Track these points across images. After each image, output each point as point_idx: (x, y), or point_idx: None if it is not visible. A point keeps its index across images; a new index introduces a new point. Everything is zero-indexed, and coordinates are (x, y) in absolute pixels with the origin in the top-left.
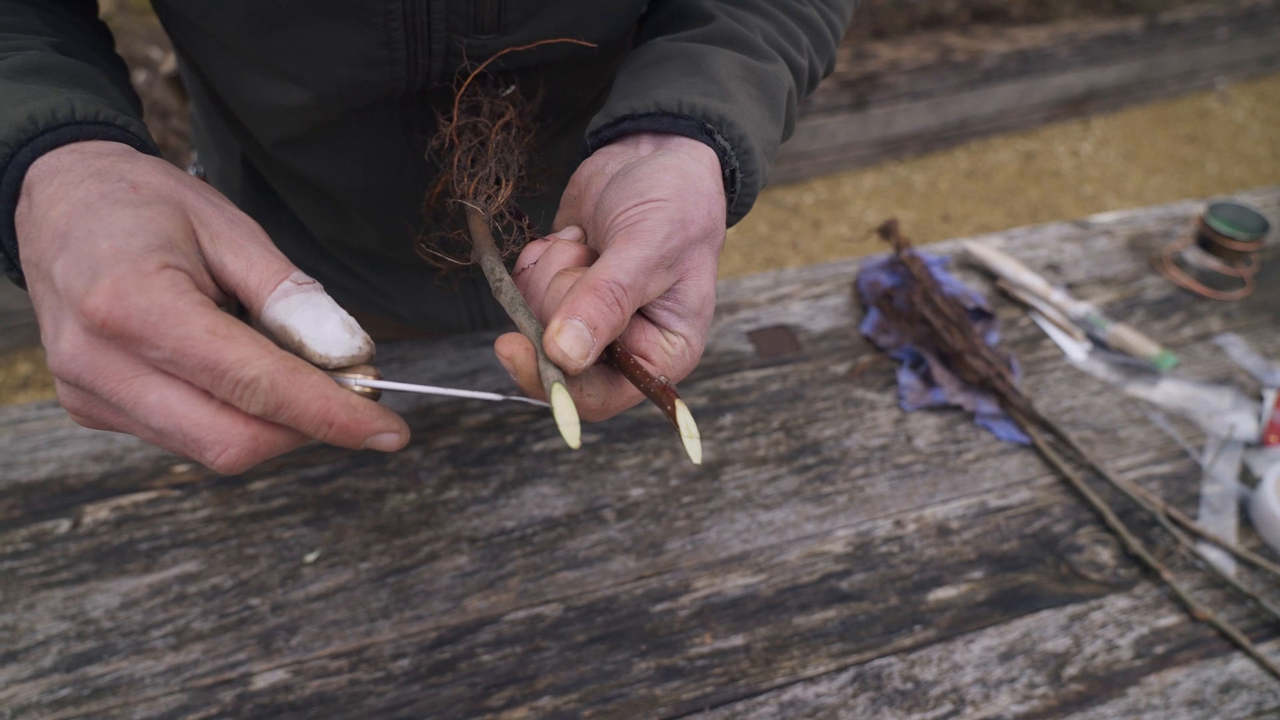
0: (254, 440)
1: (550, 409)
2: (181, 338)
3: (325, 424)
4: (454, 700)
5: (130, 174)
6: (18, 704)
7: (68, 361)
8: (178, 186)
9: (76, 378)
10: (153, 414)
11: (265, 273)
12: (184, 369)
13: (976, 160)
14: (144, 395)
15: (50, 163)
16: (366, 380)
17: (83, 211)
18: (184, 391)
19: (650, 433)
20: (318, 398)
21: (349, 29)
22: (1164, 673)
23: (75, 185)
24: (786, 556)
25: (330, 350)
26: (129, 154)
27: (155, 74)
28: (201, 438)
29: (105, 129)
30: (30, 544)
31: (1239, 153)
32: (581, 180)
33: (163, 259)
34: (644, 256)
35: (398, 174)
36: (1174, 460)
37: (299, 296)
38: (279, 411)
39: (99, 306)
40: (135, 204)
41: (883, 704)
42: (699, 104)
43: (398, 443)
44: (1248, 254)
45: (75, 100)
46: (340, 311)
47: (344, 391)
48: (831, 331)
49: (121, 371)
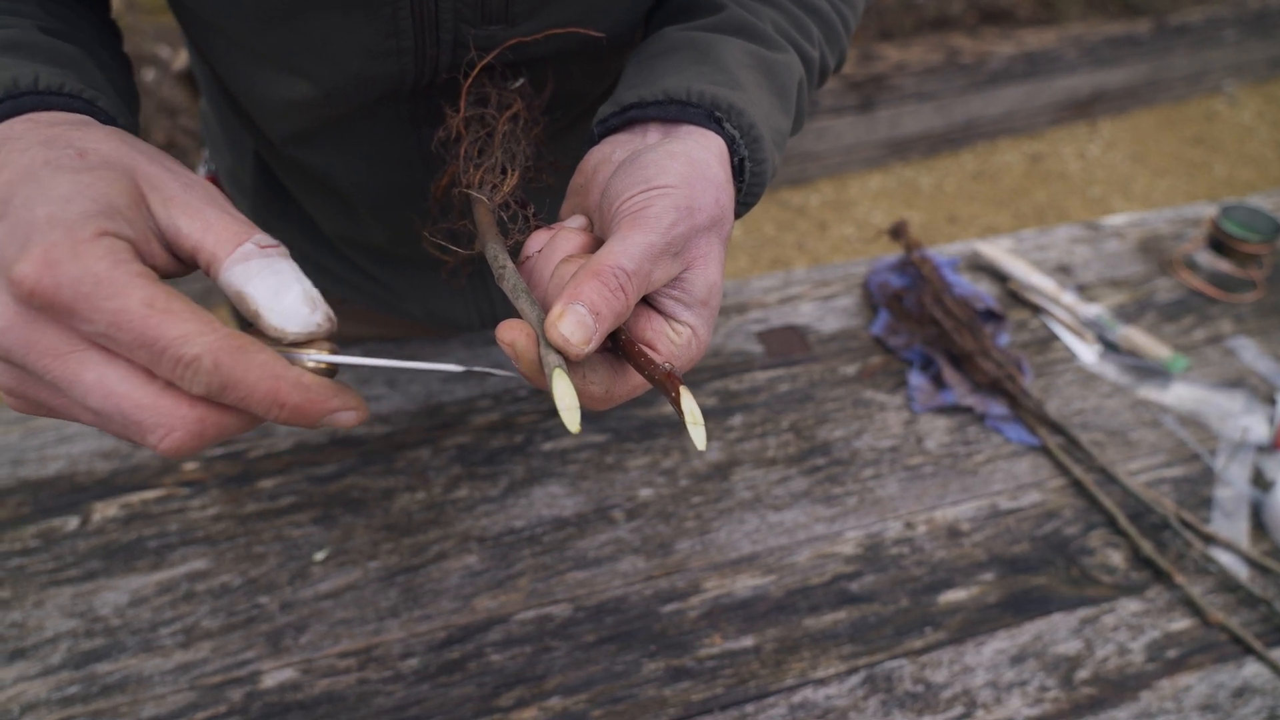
0: (199, 423)
1: (548, 389)
2: (116, 310)
3: (276, 405)
4: (463, 700)
5: (79, 141)
6: (26, 701)
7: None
8: (130, 152)
9: (8, 352)
10: (90, 393)
11: (223, 234)
12: (121, 345)
13: (983, 162)
14: (80, 373)
15: (2, 131)
16: (321, 355)
17: (25, 178)
18: (124, 370)
19: (659, 433)
20: (266, 377)
21: (357, 20)
22: (1176, 677)
23: (21, 152)
24: (796, 558)
25: (286, 324)
26: (84, 123)
27: (165, 72)
28: (143, 420)
29: (69, 100)
30: (39, 541)
31: (1247, 155)
32: (588, 168)
33: (101, 225)
34: (649, 243)
35: (406, 171)
36: (1186, 463)
37: (260, 261)
38: (224, 392)
39: (27, 275)
40: (78, 170)
41: (893, 706)
42: (708, 92)
43: (355, 419)
44: (1260, 256)
45: (40, 71)
46: (304, 282)
47: (295, 370)
48: (841, 332)
49: (56, 347)
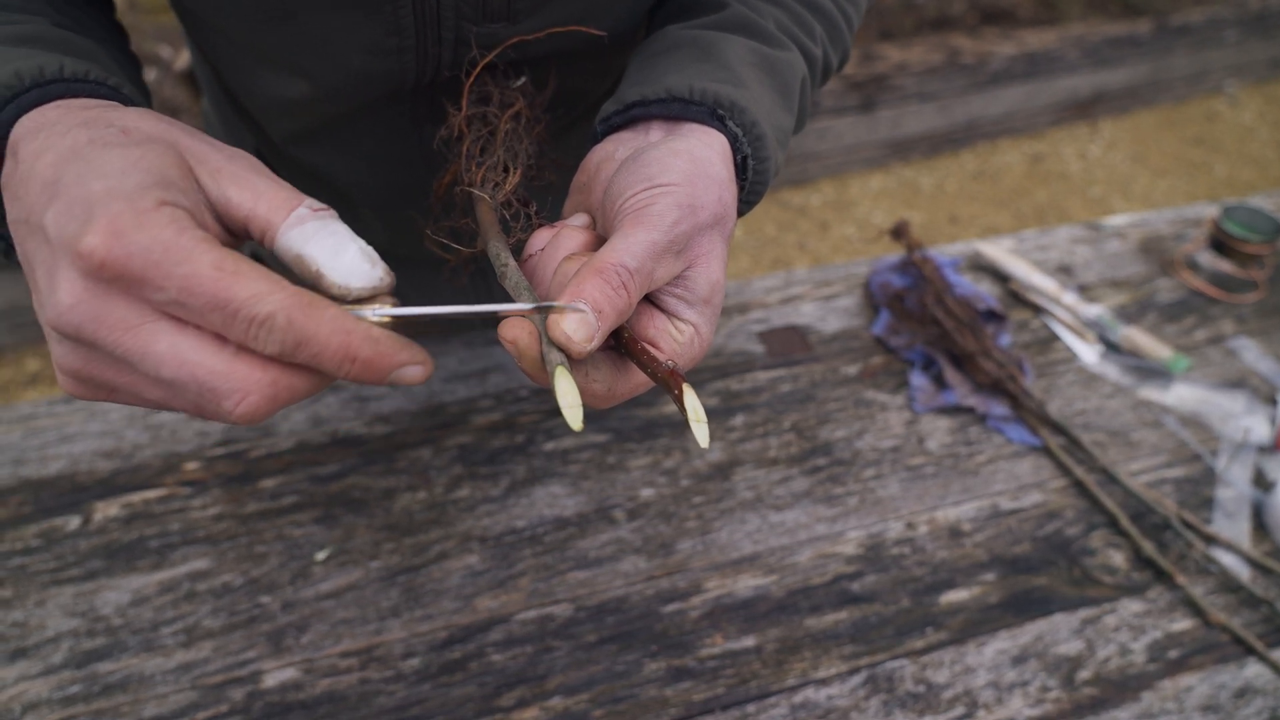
0: (274, 385)
1: (553, 389)
2: (187, 275)
3: (348, 359)
4: (464, 700)
5: (119, 120)
6: (28, 701)
7: (66, 312)
8: (169, 129)
9: (77, 330)
10: (163, 364)
11: (275, 201)
12: (193, 310)
13: (984, 162)
14: (152, 343)
15: (35, 119)
16: (385, 309)
17: (71, 158)
18: (195, 338)
19: (661, 433)
20: (338, 332)
21: (358, 18)
22: (1178, 677)
23: (62, 135)
24: (798, 558)
25: (350, 281)
26: (117, 105)
27: (166, 72)
28: (218, 386)
29: (95, 87)
30: (40, 540)
31: (1247, 156)
32: (591, 166)
33: (160, 196)
34: (652, 241)
35: (407, 169)
36: (1187, 464)
37: (315, 223)
38: (298, 349)
39: (96, 246)
40: (126, 145)
41: (894, 706)
42: (710, 89)
43: (423, 374)
44: (1261, 257)
45: (65, 60)
46: (359, 241)
47: (364, 324)
48: (842, 332)
49: (127, 319)
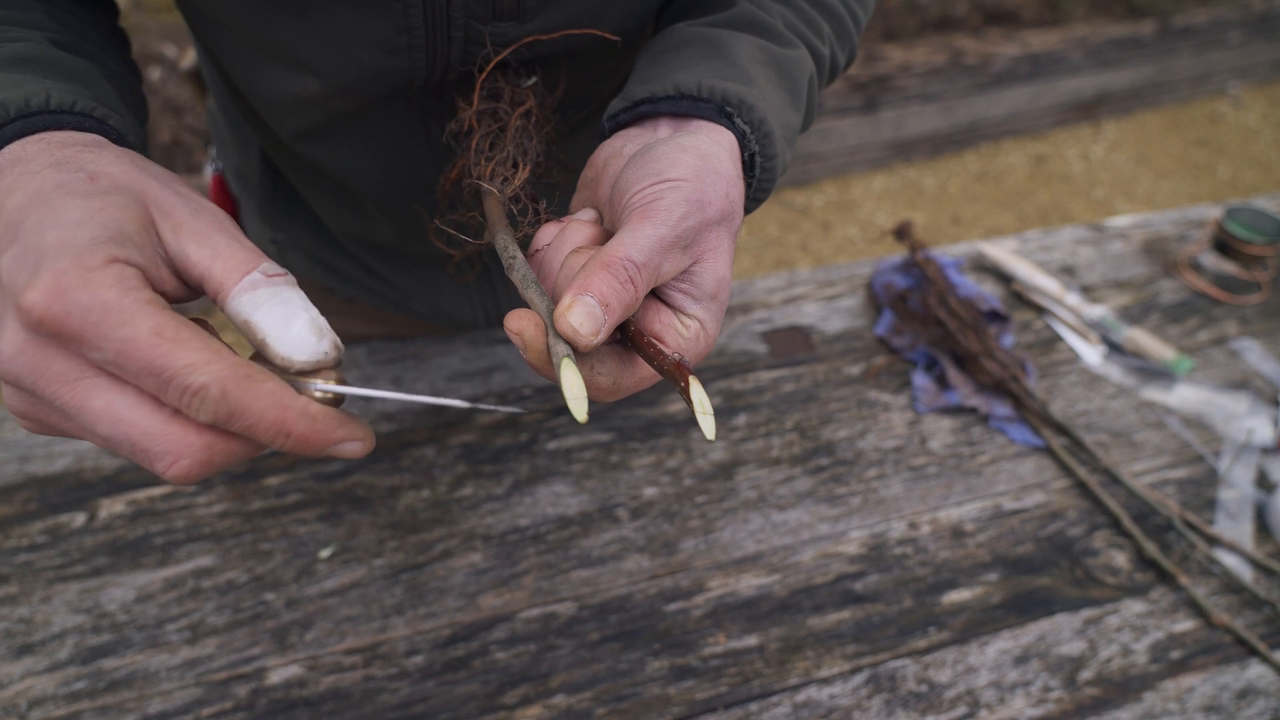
0: (207, 450)
1: (557, 382)
2: (125, 339)
3: (282, 434)
4: (468, 697)
5: (90, 164)
6: (34, 696)
7: (7, 361)
8: (140, 176)
9: (17, 379)
10: (99, 420)
11: (231, 262)
12: (129, 373)
13: (987, 163)
14: (89, 400)
15: (15, 151)
16: (328, 385)
17: (36, 202)
18: (132, 397)
19: (664, 432)
20: (273, 406)
21: (367, 15)
22: (1180, 678)
23: (33, 175)
24: (800, 557)
25: (293, 353)
26: (96, 144)
27: (170, 71)
28: (150, 448)
29: (80, 119)
30: (46, 537)
31: (1251, 157)
32: (599, 162)
33: (111, 253)
34: (659, 235)
35: (415, 168)
36: (1190, 465)
37: (267, 290)
38: (231, 420)
39: (36, 303)
40: (89, 194)
41: (897, 706)
42: (718, 87)
43: (361, 450)
44: (1265, 258)
45: (52, 90)
46: (311, 310)
47: (302, 399)
48: (845, 333)
49: (65, 374)
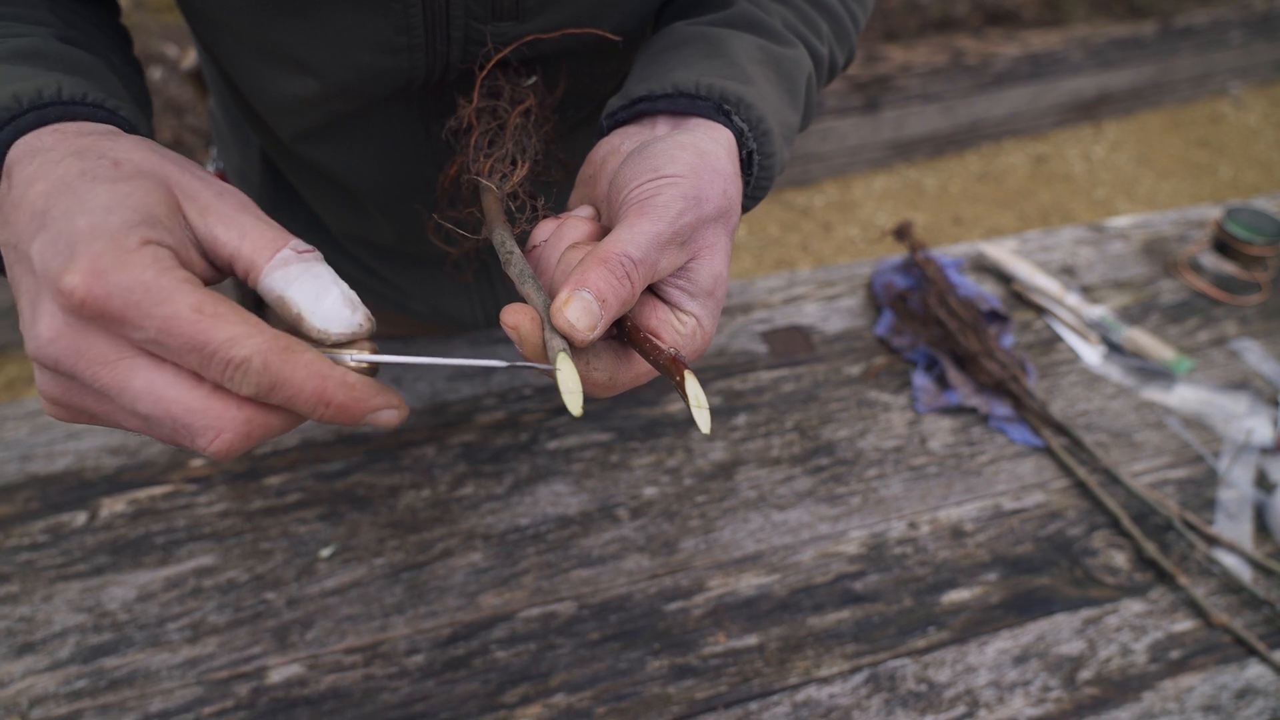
0: (248, 424)
1: (554, 375)
2: (166, 317)
3: (322, 403)
4: (468, 697)
5: (111, 151)
6: (35, 695)
7: (46, 345)
8: (162, 162)
9: (56, 362)
10: (140, 399)
11: (260, 241)
12: (170, 350)
13: (988, 163)
14: (130, 379)
15: (31, 143)
16: (363, 355)
17: (61, 190)
18: (172, 375)
19: (664, 432)
20: (313, 376)
21: (367, 15)
22: (1179, 678)
23: (55, 164)
24: (800, 557)
25: (329, 326)
26: (113, 133)
27: (172, 71)
28: (192, 423)
29: (92, 110)
30: (47, 536)
31: (1252, 157)
32: (597, 159)
33: (144, 234)
34: (656, 231)
35: (415, 168)
36: (1189, 465)
37: (299, 266)
38: (272, 392)
39: (77, 286)
40: (115, 180)
41: (896, 705)
42: (716, 85)
43: (397, 419)
44: (1265, 259)
45: (63, 81)
46: (341, 284)
47: (340, 369)
48: (846, 333)
49: (105, 354)
